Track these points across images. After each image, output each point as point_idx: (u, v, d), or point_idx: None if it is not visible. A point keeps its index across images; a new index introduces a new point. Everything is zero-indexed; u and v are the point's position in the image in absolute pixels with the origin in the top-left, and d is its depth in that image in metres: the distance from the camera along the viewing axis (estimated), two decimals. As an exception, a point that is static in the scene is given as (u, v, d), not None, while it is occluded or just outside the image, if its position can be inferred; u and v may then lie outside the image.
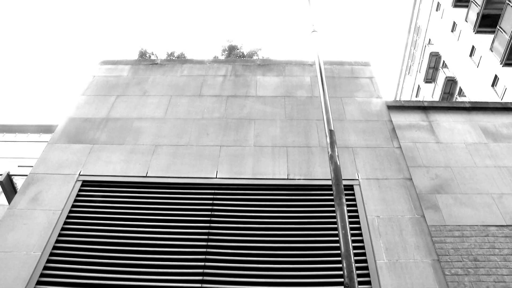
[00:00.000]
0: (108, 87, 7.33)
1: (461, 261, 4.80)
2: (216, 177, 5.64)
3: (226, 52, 24.35)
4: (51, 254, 4.90)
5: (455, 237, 5.05)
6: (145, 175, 5.70)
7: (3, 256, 4.79)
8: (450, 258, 4.80)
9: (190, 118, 6.60)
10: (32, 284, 4.59)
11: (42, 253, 4.84)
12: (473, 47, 24.87)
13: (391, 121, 6.47)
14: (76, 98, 7.14)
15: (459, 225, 5.17)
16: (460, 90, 27.49)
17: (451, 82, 28.41)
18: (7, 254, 4.82)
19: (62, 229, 5.15)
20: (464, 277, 4.63)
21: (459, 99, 27.54)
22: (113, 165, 5.84)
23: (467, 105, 6.99)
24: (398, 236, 4.90)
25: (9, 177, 7.62)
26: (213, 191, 5.56)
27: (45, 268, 4.78)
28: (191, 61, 7.95)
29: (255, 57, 24.02)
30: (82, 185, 5.64)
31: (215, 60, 7.99)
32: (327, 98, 4.50)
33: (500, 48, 20.90)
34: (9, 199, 8.38)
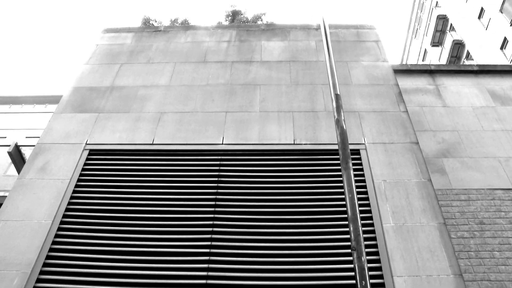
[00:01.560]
0: (112, 56, 7.26)
1: (467, 224, 4.81)
2: (222, 143, 5.64)
3: (230, 18, 24.01)
4: (62, 223, 4.96)
5: (461, 200, 5.05)
6: (151, 142, 5.70)
7: (15, 225, 4.86)
8: (456, 221, 4.81)
9: (195, 84, 6.55)
10: (45, 251, 4.66)
11: (52, 221, 4.90)
12: (482, 9, 24.36)
13: (398, 85, 6.40)
14: (80, 67, 7.09)
15: (465, 189, 5.17)
16: (468, 53, 27.09)
17: (458, 46, 27.99)
18: (19, 223, 4.88)
19: (71, 197, 5.20)
20: (470, 240, 4.65)
21: (467, 62, 27.16)
22: (119, 133, 5.84)
23: (475, 68, 6.88)
24: (404, 200, 4.91)
25: (17, 147, 7.65)
26: (219, 157, 5.56)
27: (56, 236, 4.84)
28: (194, 28, 7.83)
29: (259, 22, 23.68)
30: (89, 154, 5.66)
31: (219, 26, 7.86)
32: (333, 62, 4.44)
33: (511, 9, 20.45)
34: (19, 169, 8.44)
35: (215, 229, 4.83)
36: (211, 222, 4.90)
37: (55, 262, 4.61)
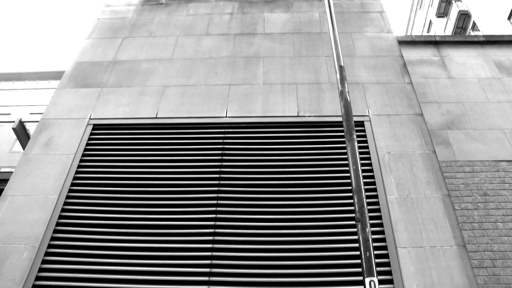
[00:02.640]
0: (113, 30, 7.19)
1: (471, 196, 4.82)
2: (226, 116, 5.62)
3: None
4: (68, 197, 5.00)
5: (465, 172, 5.05)
6: (155, 116, 5.69)
7: (22, 200, 4.90)
8: (460, 193, 4.82)
9: (197, 58, 6.50)
10: (52, 225, 4.72)
11: (58, 196, 4.94)
12: (488, -22, 23.88)
13: (402, 56, 6.33)
14: (82, 42, 7.04)
15: (469, 161, 5.16)
16: (474, 24, 26.68)
17: (464, 16, 27.55)
18: (26, 198, 4.92)
19: (76, 172, 5.23)
20: (474, 211, 4.67)
21: (473, 33, 26.78)
22: (122, 107, 5.83)
23: (481, 39, 6.79)
24: (408, 171, 4.91)
25: (21, 123, 7.67)
26: (223, 130, 5.56)
27: (63, 210, 4.89)
28: (196, 0, 7.72)
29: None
30: (93, 129, 5.66)
31: (221, -2, 7.76)
32: (337, 33, 4.38)
33: (517, -22, 20.04)
34: (24, 145, 8.47)
35: (219, 201, 4.86)
36: (215, 195, 4.92)
37: (62, 236, 4.67)
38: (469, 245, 4.35)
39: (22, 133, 7.47)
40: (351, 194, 4.81)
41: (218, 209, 4.80)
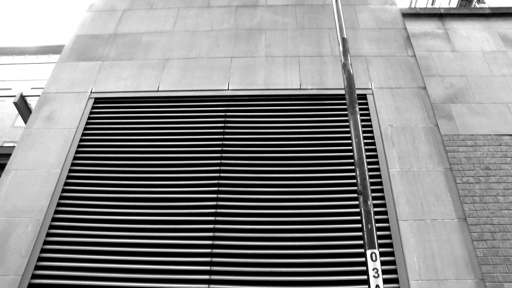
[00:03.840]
0: (113, 2, 7.10)
1: (472, 170, 4.83)
2: (228, 89, 5.60)
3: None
4: (70, 171, 5.02)
5: (467, 146, 5.04)
6: (156, 89, 5.67)
7: (26, 174, 4.93)
8: (462, 167, 4.82)
9: (199, 30, 6.43)
10: (56, 198, 4.75)
11: (61, 170, 4.96)
12: (494, -51, 23.39)
13: (406, 29, 6.25)
14: (82, 14, 6.95)
15: (472, 135, 5.15)
16: (479, -3, 26.23)
17: (469, -11, 27.06)
18: (29, 172, 4.94)
19: (78, 146, 5.23)
20: (475, 185, 4.68)
21: (478, 6, 26.39)
22: (124, 81, 5.80)
23: (487, 11, 6.69)
24: (411, 145, 4.91)
25: (22, 98, 7.64)
26: (225, 103, 5.54)
27: (66, 184, 4.91)
28: (197, -29, 7.60)
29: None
30: (94, 103, 5.65)
31: (222, -31, 7.63)
32: (340, 5, 4.31)
33: (524, -51, 19.62)
34: (25, 120, 8.47)
35: (222, 174, 4.88)
36: (218, 168, 4.94)
37: (66, 209, 4.70)
38: (470, 218, 4.37)
39: (23, 108, 7.45)
40: (353, 167, 4.82)
41: (220, 182, 4.82)
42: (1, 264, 4.27)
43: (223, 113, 5.43)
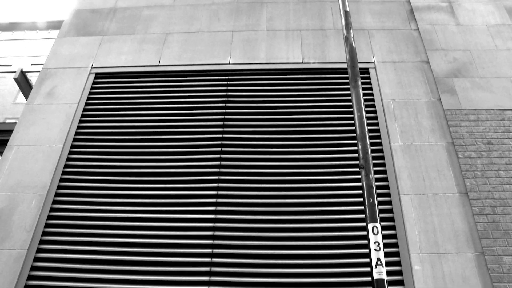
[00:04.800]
0: (112, -25, 7.00)
1: (474, 145, 4.81)
2: (229, 63, 5.56)
3: None
4: (72, 146, 5.03)
5: (470, 121, 5.01)
6: (157, 64, 5.63)
7: (28, 150, 4.94)
8: (464, 141, 4.80)
9: (200, 3, 6.35)
10: (58, 174, 4.77)
11: (63, 145, 4.96)
12: None
13: (409, 2, 6.17)
14: (80, -12, 6.86)
15: (475, 109, 5.11)
16: (484, -30, 25.83)
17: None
18: (31, 148, 4.95)
19: (80, 121, 5.23)
20: (477, 159, 4.67)
21: (482, -20, 25.97)
22: (124, 55, 5.75)
23: (492, -17, 6.57)
24: (413, 119, 4.90)
25: (23, 73, 7.60)
26: (226, 77, 5.51)
27: (68, 159, 4.93)
28: None
29: None
30: (95, 78, 5.62)
31: None
32: (343, -23, 4.24)
33: None
34: (26, 96, 8.43)
35: (223, 149, 4.88)
36: (219, 142, 4.94)
37: (68, 184, 4.73)
38: (471, 193, 4.38)
39: (24, 84, 7.41)
40: (355, 141, 4.82)
41: (222, 156, 4.83)
42: (7, 239, 4.32)
43: (225, 87, 5.41)
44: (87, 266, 4.19)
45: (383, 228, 4.25)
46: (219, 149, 4.89)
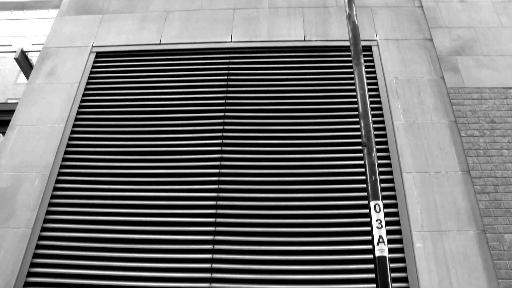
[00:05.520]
0: (112, -47, 6.90)
1: (477, 123, 4.79)
2: (231, 41, 5.51)
3: None
4: (74, 126, 5.03)
5: (473, 99, 4.98)
6: (158, 42, 5.59)
7: (30, 129, 4.94)
8: (467, 120, 4.78)
9: (200, -19, 6.28)
10: (61, 153, 4.78)
11: (65, 125, 4.96)
12: None
13: (414, -22, 6.08)
14: (79, -34, 6.77)
15: (478, 87, 5.07)
16: None
17: None
18: (33, 127, 4.95)
19: (81, 101, 5.23)
20: (479, 138, 4.66)
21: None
22: (125, 34, 5.71)
23: (498, -41, 6.46)
24: (416, 97, 4.87)
25: (23, 53, 7.55)
26: (228, 55, 5.47)
27: (70, 139, 4.93)
28: None
29: None
30: (96, 57, 5.59)
31: None
32: (346, -47, 4.17)
33: None
34: (27, 76, 8.40)
35: (225, 127, 4.87)
36: (221, 121, 4.93)
37: (71, 164, 4.74)
38: (473, 171, 4.38)
39: (25, 63, 7.37)
40: (357, 119, 4.81)
41: (224, 134, 4.82)
42: (12, 218, 4.35)
43: (226, 65, 5.38)
44: (91, 245, 4.23)
45: (385, 206, 4.27)
46: (221, 127, 4.88)
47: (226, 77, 5.27)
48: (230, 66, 5.36)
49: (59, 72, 5.41)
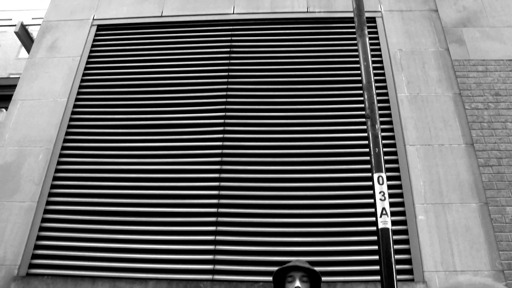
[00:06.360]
0: None
1: (482, 96, 4.75)
2: (233, 13, 5.44)
3: None
4: (77, 99, 5.02)
5: (478, 71, 4.93)
6: (160, 14, 5.52)
7: (33, 104, 4.94)
8: (472, 92, 4.75)
9: (201, -47, 6.17)
10: (64, 127, 4.78)
11: (68, 99, 4.95)
12: None
13: None
14: None
15: (483, 60, 5.02)
16: None
17: None
18: (36, 102, 4.95)
19: (83, 75, 5.20)
20: (484, 111, 4.63)
21: None
22: (126, 7, 5.64)
23: None
24: (420, 69, 4.83)
25: (23, 27, 7.49)
26: (230, 27, 5.41)
27: (73, 113, 4.93)
28: None
29: None
30: (97, 30, 5.54)
31: None
32: None
33: None
34: (28, 50, 8.35)
35: (228, 100, 4.86)
36: (224, 93, 4.91)
37: (74, 138, 4.75)
38: (477, 144, 4.37)
39: (25, 37, 7.32)
40: (361, 91, 4.78)
41: (227, 107, 4.80)
42: (17, 192, 4.39)
43: (229, 38, 5.32)
44: (96, 218, 4.28)
45: (388, 178, 4.27)
46: (224, 100, 4.86)
47: (228, 49, 5.22)
48: (233, 38, 5.31)
49: (60, 46, 5.37)
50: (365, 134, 4.52)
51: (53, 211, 4.35)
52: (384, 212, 2.50)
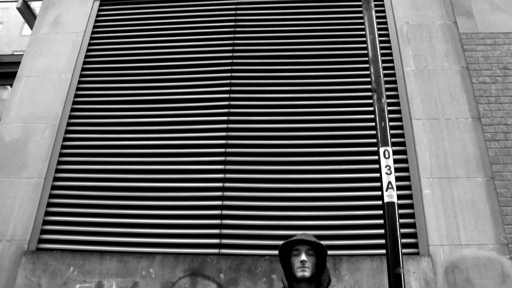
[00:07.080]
0: None
1: (490, 70, 4.70)
2: (237, -15, 5.39)
3: None
4: (81, 76, 5.01)
5: (486, 45, 4.86)
6: (164, -14, 5.47)
7: (37, 80, 4.93)
8: (479, 66, 4.69)
9: None
10: (69, 104, 4.79)
11: (72, 75, 4.94)
12: None
13: None
14: None
15: (492, 33, 4.94)
16: None
17: None
18: (40, 78, 4.94)
19: (87, 50, 5.18)
20: (491, 85, 4.58)
21: None
22: (129, -19, 5.58)
23: None
24: (427, 43, 4.76)
25: (25, 3, 7.41)
26: (236, 0, 5.33)
27: (78, 89, 4.93)
28: None
29: None
30: (100, 5, 5.49)
31: None
32: None
33: None
34: (31, 26, 8.29)
35: (233, 74, 4.83)
36: (229, 68, 4.88)
37: (80, 114, 4.76)
38: (484, 119, 4.33)
39: (28, 13, 7.25)
40: (367, 65, 4.73)
41: (232, 81, 4.78)
42: (24, 168, 4.42)
43: (233, 11, 5.25)
44: (103, 193, 4.31)
45: (394, 152, 4.26)
46: (229, 74, 4.83)
47: (233, 23, 5.16)
48: (238, 12, 5.24)
49: (63, 22, 5.33)
50: (371, 108, 4.49)
51: (61, 187, 4.39)
52: (390, 186, 2.51)
